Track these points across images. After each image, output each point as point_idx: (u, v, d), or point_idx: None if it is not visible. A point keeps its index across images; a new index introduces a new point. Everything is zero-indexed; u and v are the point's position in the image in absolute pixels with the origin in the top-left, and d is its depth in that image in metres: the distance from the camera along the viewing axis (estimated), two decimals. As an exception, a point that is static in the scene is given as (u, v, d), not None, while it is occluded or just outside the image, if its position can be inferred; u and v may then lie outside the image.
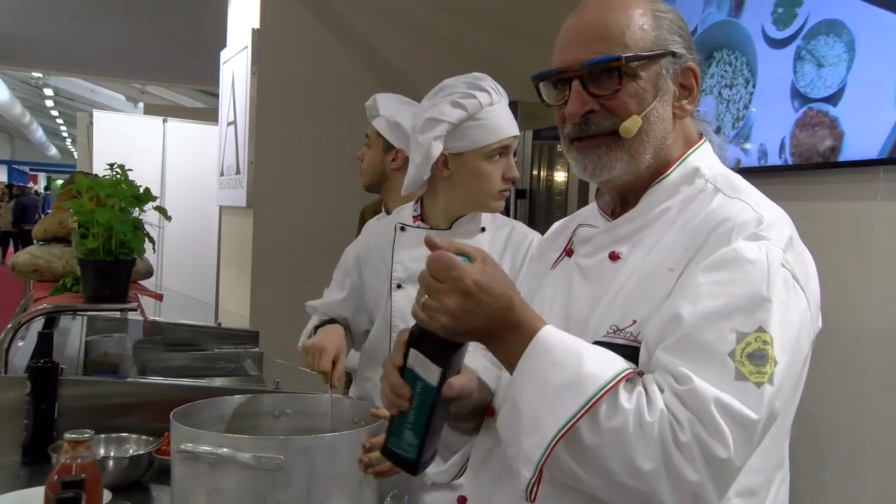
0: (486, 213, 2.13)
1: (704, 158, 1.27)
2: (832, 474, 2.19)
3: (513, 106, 2.19)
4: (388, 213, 2.67)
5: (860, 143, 2.15)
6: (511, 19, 5.44)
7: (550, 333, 1.11)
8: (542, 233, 2.05)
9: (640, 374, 1.09)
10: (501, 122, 2.06)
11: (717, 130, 2.37)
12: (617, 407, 1.04)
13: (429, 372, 1.17)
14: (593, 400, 1.03)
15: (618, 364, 1.08)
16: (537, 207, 5.07)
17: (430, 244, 1.14)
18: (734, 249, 1.10)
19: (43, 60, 8.17)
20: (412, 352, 1.18)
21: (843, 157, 2.19)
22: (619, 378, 1.05)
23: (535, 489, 1.08)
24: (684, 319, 1.06)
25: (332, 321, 2.27)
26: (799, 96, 2.30)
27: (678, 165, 1.25)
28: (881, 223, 2.16)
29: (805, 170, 2.29)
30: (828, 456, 2.19)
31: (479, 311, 1.09)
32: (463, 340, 1.15)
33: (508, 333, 1.11)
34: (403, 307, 2.05)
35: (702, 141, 1.29)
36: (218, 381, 2.96)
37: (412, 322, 1.98)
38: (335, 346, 1.98)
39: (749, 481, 1.14)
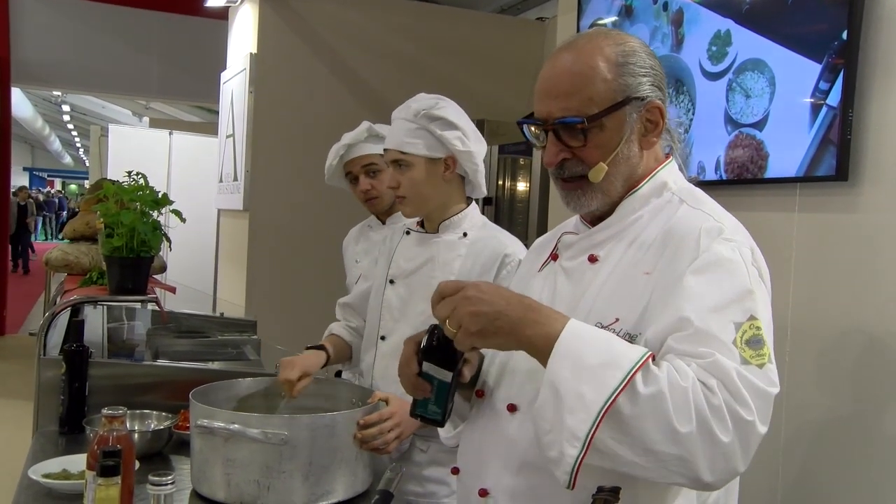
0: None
1: (671, 174, 1.28)
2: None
3: (479, 123, 2.15)
4: (383, 223, 2.66)
5: (781, 163, 2.19)
6: (478, 50, 5.49)
7: (577, 323, 1.08)
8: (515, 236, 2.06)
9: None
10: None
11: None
12: (651, 376, 1.00)
13: (442, 374, 1.19)
14: (631, 373, 1.00)
15: (641, 347, 1.06)
16: (502, 214, 5.10)
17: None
18: (714, 253, 1.10)
19: (62, 81, 8.07)
20: (425, 363, 1.19)
21: (767, 175, 2.23)
22: (647, 355, 1.03)
23: (576, 473, 1.01)
24: (691, 319, 1.05)
25: (335, 336, 2.24)
26: (731, 122, 2.35)
27: (649, 180, 1.26)
28: (798, 231, 2.20)
29: (736, 184, 2.34)
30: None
31: (497, 307, 1.07)
32: (490, 343, 1.12)
33: (534, 325, 1.07)
34: (391, 300, 2.03)
35: (669, 160, 1.30)
36: (222, 365, 2.94)
37: (398, 314, 1.99)
38: (304, 366, 1.93)
39: None
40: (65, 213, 26.27)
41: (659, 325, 1.09)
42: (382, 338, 2.02)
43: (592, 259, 1.24)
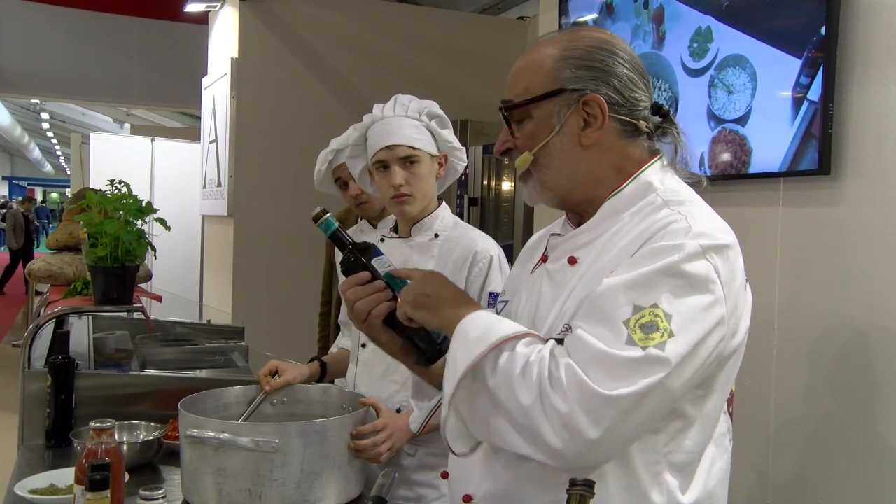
0: (401, 217, 2.01)
1: (657, 174, 1.23)
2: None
3: (463, 124, 2.16)
4: (374, 227, 2.65)
5: (765, 158, 2.21)
6: (461, 50, 5.49)
7: (488, 312, 1.18)
8: (496, 238, 2.06)
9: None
10: (376, 136, 1.93)
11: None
12: (514, 354, 1.08)
13: (387, 263, 1.31)
14: (494, 343, 1.08)
15: (526, 329, 1.13)
16: (487, 213, 5.10)
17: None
18: (650, 248, 1.10)
19: (42, 88, 7.99)
20: (373, 262, 1.30)
21: (751, 170, 2.25)
22: (521, 333, 1.10)
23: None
24: (597, 291, 1.10)
25: (341, 349, 2.25)
26: (714, 118, 2.36)
27: (631, 181, 1.22)
28: (782, 225, 2.22)
29: (720, 180, 2.35)
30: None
31: (432, 288, 1.22)
32: (418, 315, 1.23)
33: (452, 308, 1.18)
34: None
35: (657, 157, 1.25)
36: (210, 373, 2.92)
37: None
38: (286, 370, 1.98)
39: (678, 459, 1.14)
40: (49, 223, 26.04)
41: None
42: (363, 345, 2.02)
43: (572, 261, 1.23)
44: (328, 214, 1.30)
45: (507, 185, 5.02)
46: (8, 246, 14.90)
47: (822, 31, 2.02)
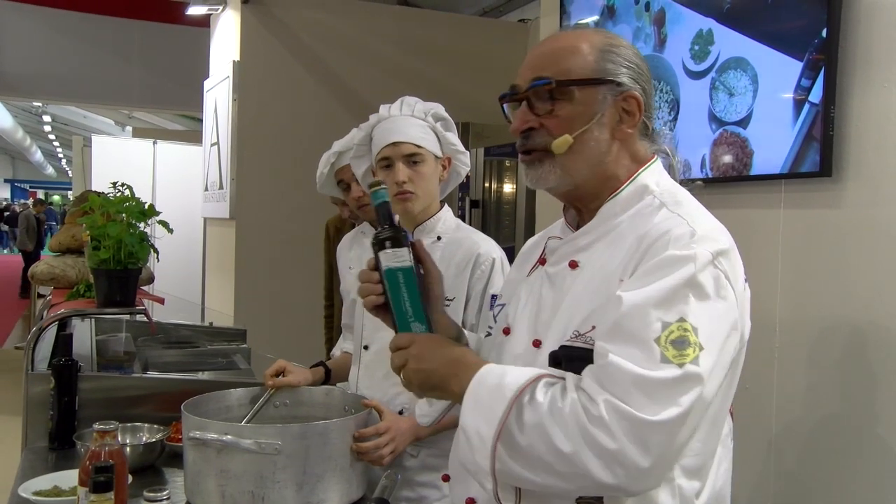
0: (402, 216, 1.99)
1: (654, 176, 1.25)
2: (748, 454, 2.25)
3: (464, 126, 2.15)
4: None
5: (766, 160, 2.21)
6: (462, 53, 5.49)
7: (487, 367, 1.14)
8: (498, 240, 2.07)
9: (563, 378, 1.10)
10: (381, 134, 1.93)
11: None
12: (534, 402, 1.05)
13: (401, 257, 1.22)
14: (512, 398, 1.05)
15: (534, 370, 1.10)
16: (489, 216, 5.11)
17: None
18: (667, 255, 1.09)
19: (44, 92, 8.01)
20: (381, 254, 1.23)
21: (752, 172, 2.25)
22: (533, 378, 1.07)
23: (518, 495, 1.08)
24: (617, 312, 1.07)
25: (344, 353, 2.26)
26: (715, 120, 2.36)
27: (629, 183, 1.23)
28: (783, 227, 2.22)
29: (721, 182, 2.35)
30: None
31: (432, 365, 1.18)
32: (430, 395, 1.24)
33: (456, 380, 1.15)
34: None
35: (653, 160, 1.27)
36: (213, 375, 2.93)
37: (380, 325, 1.98)
38: (292, 372, 2.00)
39: (692, 462, 1.14)
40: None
41: (602, 322, 1.11)
42: (365, 347, 2.02)
43: (573, 265, 1.23)
44: (384, 187, 1.28)
45: (508, 188, 5.02)
46: (22, 248, 14.92)
47: (823, 33, 2.03)
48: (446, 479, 1.36)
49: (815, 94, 2.05)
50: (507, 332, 1.31)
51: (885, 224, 1.95)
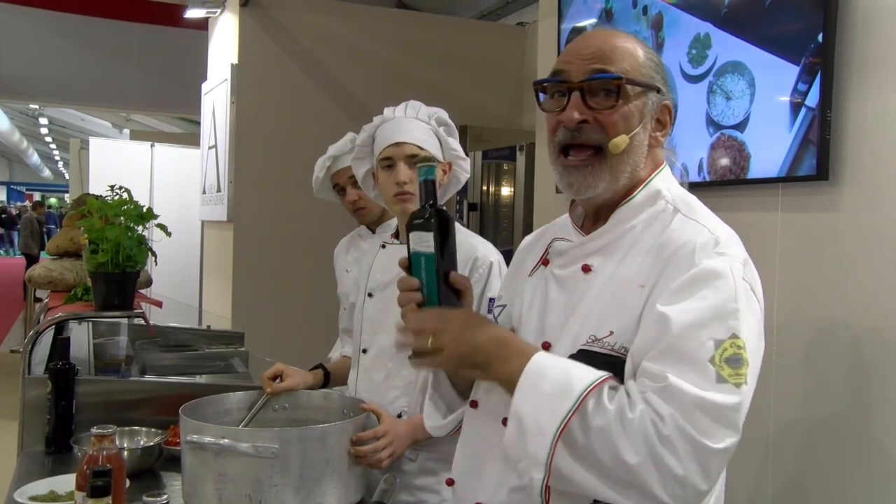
0: (401, 216, 1.99)
1: (665, 181, 1.26)
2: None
3: (462, 129, 2.15)
4: (373, 232, 2.66)
5: (763, 163, 2.22)
6: (460, 56, 5.50)
7: (543, 355, 1.12)
8: (496, 243, 2.06)
9: (621, 383, 1.09)
10: (384, 134, 1.93)
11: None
12: (601, 406, 1.03)
13: (426, 242, 1.18)
14: (581, 397, 1.03)
15: (600, 371, 1.08)
16: (487, 219, 5.10)
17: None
18: (703, 268, 1.09)
19: (41, 94, 8.01)
20: (411, 235, 1.20)
21: (749, 176, 2.26)
22: (601, 379, 1.06)
23: (547, 493, 1.06)
24: (668, 335, 1.05)
25: (343, 357, 2.26)
26: (713, 123, 2.37)
27: (643, 188, 1.24)
28: (781, 231, 2.23)
29: (719, 185, 2.36)
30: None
31: (477, 340, 1.13)
32: (463, 371, 1.20)
33: (503, 361, 1.12)
34: (370, 313, 2.03)
35: (663, 166, 1.28)
36: (210, 378, 2.93)
37: (378, 326, 1.99)
38: (290, 375, 2.00)
39: None
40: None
41: (641, 339, 1.09)
42: (364, 351, 2.02)
43: (586, 269, 1.22)
44: (433, 164, 1.24)
45: (506, 191, 5.02)
46: (27, 252, 14.93)
47: (820, 38, 2.03)
48: (450, 483, 1.34)
49: (812, 98, 2.06)
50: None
51: (882, 227, 1.96)
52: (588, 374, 1.07)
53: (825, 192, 2.08)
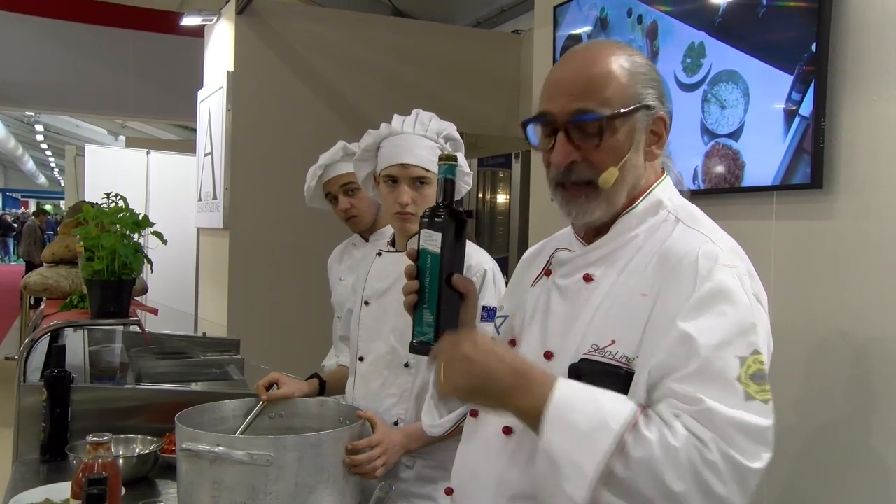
0: (400, 232, 2.01)
1: (666, 191, 1.26)
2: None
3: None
4: (366, 240, 2.66)
5: (758, 172, 2.23)
6: (456, 64, 5.52)
7: (566, 384, 1.07)
8: (491, 251, 2.07)
9: (624, 393, 1.08)
10: (391, 151, 1.93)
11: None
12: (641, 438, 1.01)
13: (433, 241, 1.18)
14: (621, 434, 1.01)
15: (629, 401, 1.06)
16: (482, 226, 5.11)
17: None
18: (716, 283, 1.09)
19: (37, 101, 8.01)
20: (422, 232, 1.19)
21: (744, 184, 2.27)
22: (636, 413, 1.03)
23: None
24: (694, 356, 1.04)
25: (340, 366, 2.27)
26: (707, 132, 2.38)
27: (645, 197, 1.24)
28: (776, 239, 2.24)
29: (714, 193, 2.37)
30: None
31: (489, 370, 1.08)
32: (474, 402, 1.18)
33: (522, 394, 1.07)
34: (367, 321, 2.03)
35: (664, 175, 1.28)
36: (206, 386, 2.93)
37: (374, 333, 1.99)
38: (285, 384, 1.99)
39: None
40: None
41: (660, 359, 1.07)
42: (361, 359, 2.02)
43: (588, 278, 1.22)
44: (454, 164, 1.23)
45: (501, 198, 5.03)
46: (30, 259, 14.94)
47: (814, 47, 2.05)
48: (449, 492, 1.34)
49: (806, 107, 2.07)
50: (513, 343, 1.30)
51: (876, 235, 1.97)
52: (621, 407, 1.04)
53: (819, 200, 2.09)
